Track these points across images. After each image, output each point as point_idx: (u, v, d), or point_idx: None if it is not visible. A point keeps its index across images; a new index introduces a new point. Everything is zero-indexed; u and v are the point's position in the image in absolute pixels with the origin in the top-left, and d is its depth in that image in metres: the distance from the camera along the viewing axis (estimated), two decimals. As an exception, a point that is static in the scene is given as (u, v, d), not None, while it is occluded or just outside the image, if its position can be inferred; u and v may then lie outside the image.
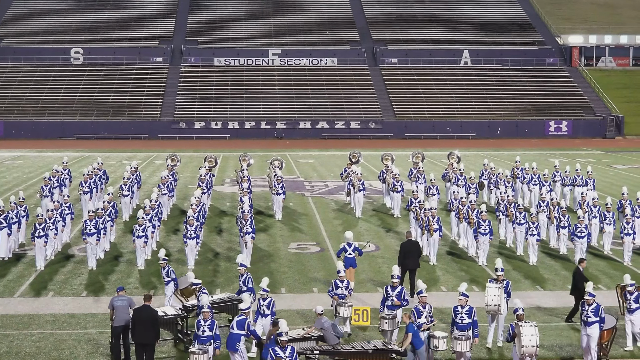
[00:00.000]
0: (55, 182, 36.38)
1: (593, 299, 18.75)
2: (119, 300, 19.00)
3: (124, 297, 19.22)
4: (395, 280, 20.06)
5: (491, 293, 19.82)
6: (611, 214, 29.75)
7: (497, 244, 30.73)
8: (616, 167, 56.32)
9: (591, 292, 18.87)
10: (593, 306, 18.66)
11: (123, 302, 18.97)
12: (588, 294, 18.82)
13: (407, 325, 18.00)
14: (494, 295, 19.77)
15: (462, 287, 19.10)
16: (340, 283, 21.05)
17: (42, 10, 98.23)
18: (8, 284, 25.60)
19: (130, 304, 19.04)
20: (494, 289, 19.84)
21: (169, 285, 21.98)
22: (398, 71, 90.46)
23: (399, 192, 36.56)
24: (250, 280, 20.94)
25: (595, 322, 18.53)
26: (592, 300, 18.72)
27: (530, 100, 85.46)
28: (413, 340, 17.86)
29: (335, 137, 79.70)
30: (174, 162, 40.57)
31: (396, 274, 20.25)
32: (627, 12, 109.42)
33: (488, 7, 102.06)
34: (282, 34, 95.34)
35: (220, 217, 36.85)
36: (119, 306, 18.86)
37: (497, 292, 19.79)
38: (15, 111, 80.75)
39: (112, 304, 19.04)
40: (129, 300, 19.15)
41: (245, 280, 20.87)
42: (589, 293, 18.85)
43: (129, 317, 18.66)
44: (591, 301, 18.71)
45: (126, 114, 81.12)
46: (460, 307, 18.55)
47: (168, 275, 22.02)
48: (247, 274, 21.01)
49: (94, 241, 27.40)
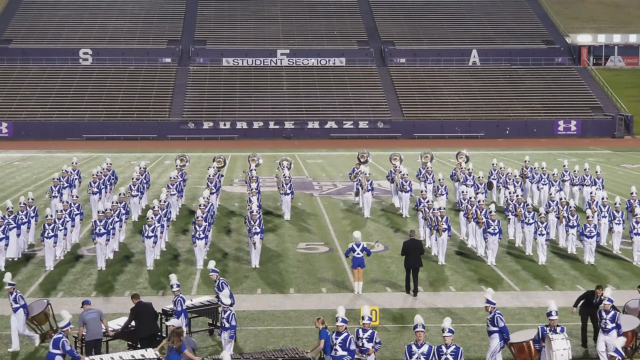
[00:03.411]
0: (65, 182, 36.48)
1: (611, 305, 17.80)
2: (90, 314, 18.41)
3: (93, 310, 18.64)
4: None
5: (559, 346, 16.41)
6: (620, 213, 29.66)
7: (506, 243, 30.68)
8: (625, 167, 56.16)
9: (610, 297, 17.99)
10: (611, 314, 17.75)
11: (94, 315, 18.41)
12: (607, 299, 17.88)
13: (320, 331, 17.45)
14: (564, 349, 16.37)
15: (488, 293, 18.03)
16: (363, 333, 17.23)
17: (51, 12, 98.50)
18: (17, 284, 25.55)
19: (100, 316, 18.55)
20: (562, 341, 16.57)
21: (18, 312, 19.77)
22: (406, 71, 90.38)
23: (408, 192, 36.53)
24: (224, 284, 20.56)
25: (612, 329, 17.74)
26: (609, 307, 17.78)
27: (539, 99, 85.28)
28: (325, 345, 17.28)
29: (343, 137, 79.68)
30: (183, 163, 40.63)
31: (341, 317, 16.95)
32: (634, 11, 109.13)
33: (496, 7, 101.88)
34: (290, 34, 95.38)
35: (229, 217, 36.89)
36: (91, 319, 18.30)
37: (565, 344, 16.58)
38: (24, 112, 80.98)
39: (82, 320, 18.35)
40: (99, 313, 18.64)
41: (219, 285, 20.55)
42: (607, 298, 17.92)
43: (102, 330, 18.34)
44: (609, 307, 17.80)
45: (135, 115, 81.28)
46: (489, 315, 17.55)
47: (16, 301, 19.80)
48: (220, 279, 20.71)
49: (104, 241, 27.45)
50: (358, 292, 24.41)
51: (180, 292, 19.61)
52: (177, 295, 19.49)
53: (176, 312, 19.24)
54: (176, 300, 19.37)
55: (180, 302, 19.38)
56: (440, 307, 23.20)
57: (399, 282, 25.44)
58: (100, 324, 18.46)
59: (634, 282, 25.73)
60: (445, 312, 22.62)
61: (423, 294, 24.46)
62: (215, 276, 20.82)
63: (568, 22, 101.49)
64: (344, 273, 26.85)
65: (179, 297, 19.44)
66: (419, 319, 16.35)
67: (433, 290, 24.95)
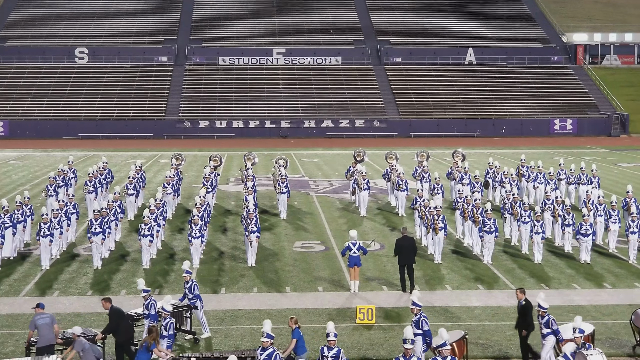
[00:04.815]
0: (61, 181, 36.45)
1: (544, 310, 17.49)
2: (42, 318, 17.87)
3: (46, 314, 18.13)
4: (332, 339, 16.25)
5: None
6: (616, 212, 29.72)
7: (502, 242, 30.71)
8: (621, 165, 56.23)
9: (541, 304, 17.53)
10: (545, 319, 17.47)
11: (47, 320, 17.89)
12: (538, 305, 17.53)
13: (293, 330, 17.38)
14: None
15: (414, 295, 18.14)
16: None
17: (46, 10, 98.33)
18: (13, 283, 25.65)
19: (53, 321, 18.03)
20: (597, 356, 16.20)
21: None
22: (402, 70, 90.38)
23: (404, 190, 36.54)
24: (196, 287, 20.55)
25: (549, 335, 17.59)
26: (543, 312, 17.48)
27: (535, 98, 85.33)
28: (296, 345, 17.27)
29: (339, 136, 79.67)
30: (179, 161, 40.62)
31: (332, 332, 16.29)
32: (630, 10, 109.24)
33: (492, 6, 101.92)
34: (286, 33, 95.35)
35: (225, 216, 36.87)
36: (43, 324, 17.77)
37: (602, 358, 16.22)
38: (20, 111, 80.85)
39: (33, 323, 17.85)
40: (52, 318, 18.15)
41: (191, 287, 20.48)
42: (538, 304, 17.55)
43: (54, 336, 17.89)
44: (543, 313, 17.48)
45: (131, 114, 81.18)
46: None
47: None
48: (193, 281, 20.65)
49: (99, 240, 27.44)
50: (354, 291, 24.42)
51: (151, 296, 19.39)
52: (148, 299, 19.25)
53: (151, 316, 18.99)
54: (149, 304, 19.14)
55: (152, 306, 19.11)
56: (437, 305, 23.20)
57: (395, 280, 25.44)
58: (53, 330, 17.91)
59: (630, 281, 25.80)
60: (441, 311, 22.67)
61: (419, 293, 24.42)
62: (188, 277, 20.68)
63: (564, 20, 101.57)
64: (340, 272, 26.86)
65: (150, 300, 19.23)
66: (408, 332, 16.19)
67: (429, 288, 24.97)
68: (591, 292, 24.59)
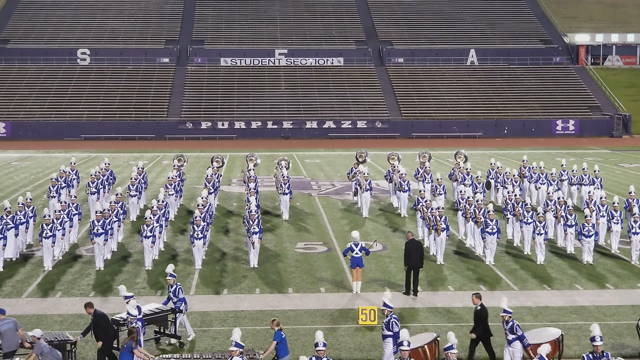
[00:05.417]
0: (63, 182, 36.45)
1: (508, 315, 17.65)
2: (5, 324, 17.74)
3: (8, 319, 17.98)
4: (321, 349, 15.93)
5: None
6: (619, 212, 29.68)
7: (505, 243, 30.70)
8: (623, 166, 56.20)
9: (506, 308, 17.65)
10: (510, 325, 17.60)
11: (10, 325, 17.73)
12: (503, 310, 17.62)
13: (275, 332, 17.37)
14: None
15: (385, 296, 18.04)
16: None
17: (48, 12, 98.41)
18: (16, 284, 25.66)
19: (16, 326, 17.89)
20: None
21: None
22: (404, 71, 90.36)
23: (406, 191, 36.53)
24: (180, 290, 20.48)
25: (514, 340, 17.56)
26: (507, 317, 17.62)
27: (537, 99, 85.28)
28: (278, 348, 17.25)
29: (341, 136, 79.65)
30: (181, 163, 40.62)
31: (321, 342, 16.00)
32: (632, 10, 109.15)
33: (494, 6, 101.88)
34: (288, 34, 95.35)
35: (228, 217, 36.88)
36: (6, 330, 17.61)
37: None
38: (22, 112, 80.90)
39: None
40: (15, 323, 18.00)
41: (175, 290, 20.42)
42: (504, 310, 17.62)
43: (19, 341, 17.80)
44: (507, 318, 17.62)
45: (133, 115, 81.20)
46: None
47: None
48: (177, 284, 20.60)
49: (102, 241, 27.46)
50: (357, 292, 24.43)
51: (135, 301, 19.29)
52: None
53: (137, 319, 18.96)
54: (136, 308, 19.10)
55: (138, 309, 18.94)
56: (439, 306, 23.20)
57: (397, 281, 25.45)
58: (16, 334, 17.80)
59: (632, 282, 25.78)
60: (444, 312, 22.66)
61: (422, 294, 24.47)
62: (172, 280, 20.62)
63: (566, 21, 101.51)
64: (343, 273, 26.86)
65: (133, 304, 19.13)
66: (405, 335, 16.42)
67: (432, 289, 24.96)
68: (594, 293, 24.58)
